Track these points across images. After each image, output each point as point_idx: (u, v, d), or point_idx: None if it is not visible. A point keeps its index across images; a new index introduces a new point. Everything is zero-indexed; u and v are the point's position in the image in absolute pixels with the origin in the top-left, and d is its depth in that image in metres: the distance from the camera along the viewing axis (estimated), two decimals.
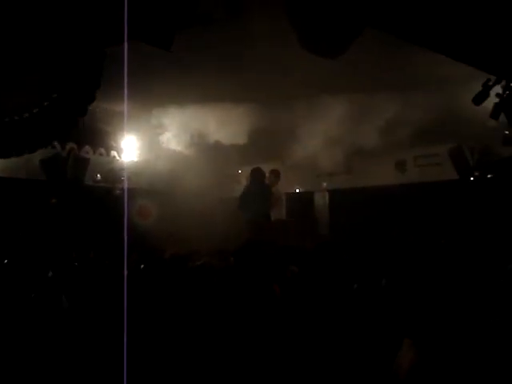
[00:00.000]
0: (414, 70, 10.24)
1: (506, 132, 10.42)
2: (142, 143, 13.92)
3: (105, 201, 12.85)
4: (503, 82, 8.53)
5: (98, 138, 13.53)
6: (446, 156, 13.38)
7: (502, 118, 9.14)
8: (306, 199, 15.64)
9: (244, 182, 12.69)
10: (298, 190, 15.84)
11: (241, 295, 5.27)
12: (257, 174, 11.53)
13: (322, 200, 15.65)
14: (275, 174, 11.74)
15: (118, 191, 13.22)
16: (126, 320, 4.57)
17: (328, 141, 12.56)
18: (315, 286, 5.18)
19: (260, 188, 11.36)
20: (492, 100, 8.88)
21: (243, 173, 13.36)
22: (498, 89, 8.72)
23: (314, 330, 4.85)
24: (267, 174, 11.66)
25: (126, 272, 5.86)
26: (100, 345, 5.13)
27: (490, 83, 8.44)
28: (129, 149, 13.87)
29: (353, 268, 6.08)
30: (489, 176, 13.05)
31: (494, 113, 8.84)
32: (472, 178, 13.13)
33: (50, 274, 8.82)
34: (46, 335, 5.25)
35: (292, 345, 4.76)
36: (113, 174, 13.56)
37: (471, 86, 9.14)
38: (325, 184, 15.49)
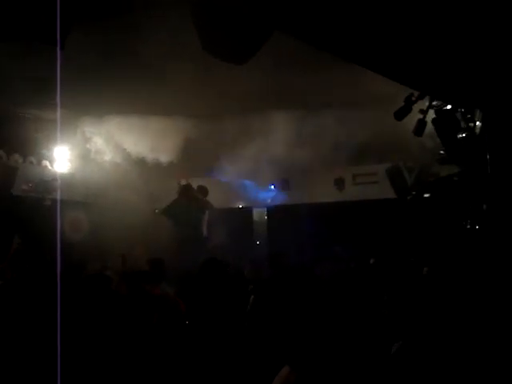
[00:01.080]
0: (352, 86, 10.23)
1: (442, 152, 10.43)
2: (74, 153, 13.42)
3: (33, 211, 12.33)
4: (426, 98, 8.44)
5: (29, 147, 13.00)
6: (384, 174, 13.43)
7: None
8: (244, 215, 15.51)
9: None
10: (240, 206, 15.68)
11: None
12: (185, 190, 11.49)
13: (260, 216, 15.53)
14: (202, 190, 11.68)
15: (47, 202, 12.72)
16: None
17: (266, 156, 12.44)
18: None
19: (188, 203, 11.32)
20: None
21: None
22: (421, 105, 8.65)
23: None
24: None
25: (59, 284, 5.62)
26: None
27: (413, 98, 8.33)
28: (61, 158, 13.34)
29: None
30: (425, 195, 13.13)
31: (418, 129, 8.74)
32: (409, 197, 13.19)
33: None
34: None
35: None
36: (43, 184, 13.04)
37: None
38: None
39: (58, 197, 12.73)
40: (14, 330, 5.48)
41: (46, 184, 13.05)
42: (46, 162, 13.56)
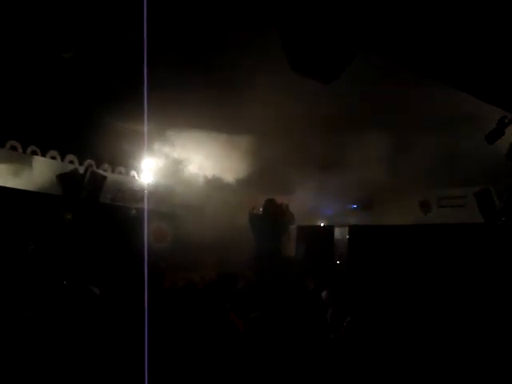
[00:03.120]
0: (444, 107, 10.01)
1: None
2: (161, 165, 13.72)
3: (120, 220, 12.69)
4: None
5: (118, 157, 13.42)
6: (472, 198, 12.99)
7: None
8: (326, 233, 15.40)
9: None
10: (322, 224, 15.59)
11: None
12: (269, 206, 11.46)
13: (341, 235, 15.37)
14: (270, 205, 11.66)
15: (134, 211, 13.05)
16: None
17: (351, 176, 12.32)
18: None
19: (272, 220, 11.29)
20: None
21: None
22: None
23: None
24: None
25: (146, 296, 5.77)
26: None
27: (506, 121, 7.97)
28: (149, 170, 13.68)
29: None
30: None
31: (510, 153, 8.34)
32: (498, 223, 12.70)
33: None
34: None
35: None
36: (131, 194, 13.41)
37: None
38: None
39: (145, 206, 13.09)
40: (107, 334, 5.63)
41: (133, 194, 13.42)
42: (133, 173, 13.96)
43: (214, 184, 13.01)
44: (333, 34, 4.79)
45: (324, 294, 8.10)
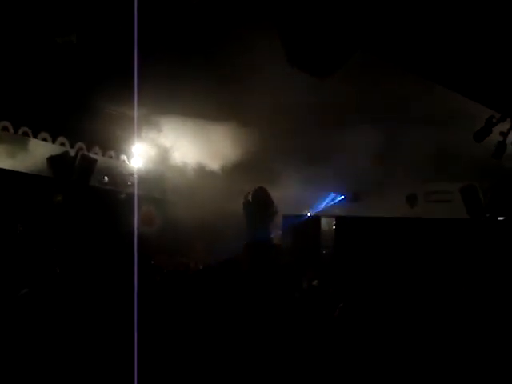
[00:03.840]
0: (432, 104, 10.12)
1: None
2: (152, 151, 13.74)
3: (109, 204, 12.74)
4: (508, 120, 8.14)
5: (109, 141, 13.42)
6: (458, 193, 13.17)
7: None
8: (312, 223, 15.53)
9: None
10: (309, 214, 15.71)
11: None
12: (261, 194, 11.53)
13: (328, 225, 15.52)
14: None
15: (123, 195, 13.10)
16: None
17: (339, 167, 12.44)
18: None
19: (263, 208, 11.34)
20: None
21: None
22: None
23: None
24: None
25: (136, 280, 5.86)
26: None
27: (494, 120, 8.06)
28: (139, 155, 13.71)
29: None
30: (500, 218, 12.81)
31: (497, 152, 8.45)
32: (482, 219, 12.88)
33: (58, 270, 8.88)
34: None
35: None
36: (121, 178, 13.45)
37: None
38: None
39: (135, 191, 13.13)
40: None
41: (123, 178, 13.46)
42: (124, 157, 14.00)
43: (204, 170, 13.06)
44: (332, 30, 4.87)
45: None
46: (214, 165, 12.98)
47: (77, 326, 5.56)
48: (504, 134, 8.26)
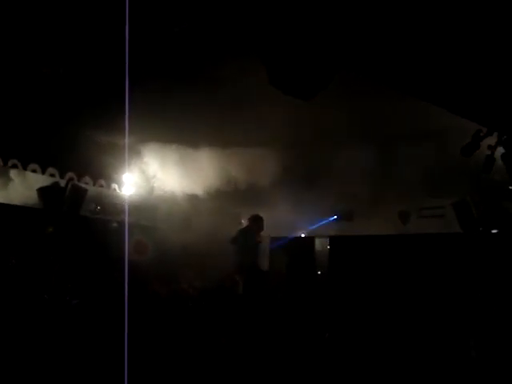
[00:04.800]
0: (421, 120, 10.15)
1: (511, 187, 10.15)
2: (142, 179, 13.69)
3: (101, 233, 12.64)
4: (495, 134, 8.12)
5: (99, 170, 13.37)
6: (450, 208, 13.18)
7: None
8: (306, 244, 15.49)
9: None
10: (302, 235, 15.67)
11: None
12: (256, 221, 11.59)
13: (322, 246, 15.47)
14: (258, 221, 11.72)
15: (114, 224, 13.03)
16: None
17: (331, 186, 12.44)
18: None
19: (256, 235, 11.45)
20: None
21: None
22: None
23: None
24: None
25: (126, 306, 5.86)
26: None
27: (482, 134, 8.06)
28: (130, 183, 13.66)
29: None
30: (493, 231, 12.81)
31: (486, 166, 8.43)
32: (476, 233, 12.88)
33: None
34: None
35: None
36: (112, 207, 13.38)
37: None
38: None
39: (126, 219, 13.07)
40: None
41: (114, 207, 13.39)
42: (115, 186, 13.94)
43: (193, 197, 13.02)
44: (312, 51, 4.87)
45: None
46: (202, 191, 12.94)
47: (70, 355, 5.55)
48: (492, 148, 8.26)
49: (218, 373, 5.10)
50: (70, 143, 11.93)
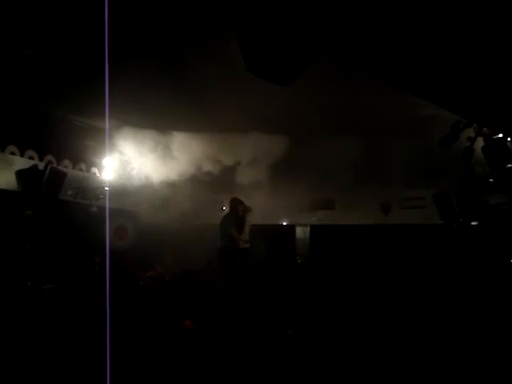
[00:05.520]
0: (402, 111, 10.13)
1: (491, 180, 10.16)
2: (123, 163, 13.53)
3: (80, 217, 12.53)
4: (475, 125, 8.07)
5: (79, 153, 13.24)
6: (431, 200, 13.23)
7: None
8: (287, 232, 15.50)
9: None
10: (284, 223, 15.68)
11: None
12: (234, 204, 11.61)
13: (303, 233, 15.49)
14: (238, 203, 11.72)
15: (94, 208, 12.90)
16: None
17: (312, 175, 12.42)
18: None
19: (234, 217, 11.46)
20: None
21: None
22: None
23: None
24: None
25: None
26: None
27: (461, 125, 8.01)
28: (110, 167, 13.50)
29: None
30: (473, 223, 12.86)
31: (465, 158, 8.40)
32: (456, 224, 12.93)
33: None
34: None
35: None
36: (91, 191, 13.24)
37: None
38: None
39: (106, 204, 12.96)
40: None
41: (94, 191, 13.26)
42: (95, 170, 13.81)
43: (174, 182, 12.92)
44: (290, 36, 4.80)
45: None
46: (180, 176, 12.85)
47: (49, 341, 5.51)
48: (471, 140, 8.23)
49: (195, 362, 5.07)
50: (50, 126, 11.79)
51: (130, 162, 13.12)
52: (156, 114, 11.07)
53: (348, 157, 11.99)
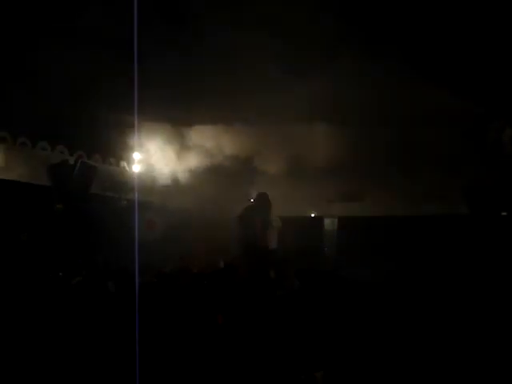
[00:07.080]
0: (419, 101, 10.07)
1: None
2: (153, 157, 13.65)
3: (111, 211, 12.69)
4: None
5: (109, 147, 13.40)
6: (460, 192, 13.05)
7: None
8: (315, 224, 15.43)
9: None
10: (312, 215, 15.61)
11: None
12: (261, 198, 11.57)
13: (331, 226, 15.40)
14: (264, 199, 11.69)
15: (124, 202, 13.04)
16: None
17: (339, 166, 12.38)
18: None
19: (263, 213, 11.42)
20: None
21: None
22: None
23: None
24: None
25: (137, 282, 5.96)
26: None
27: (487, 117, 7.93)
28: (139, 161, 13.63)
29: None
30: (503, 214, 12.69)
31: (493, 149, 8.33)
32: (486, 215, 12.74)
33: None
34: None
35: None
36: (121, 185, 13.39)
37: None
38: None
39: (136, 198, 13.09)
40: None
41: (124, 184, 13.40)
42: (124, 164, 13.94)
43: (203, 174, 12.99)
44: None
45: None
46: (211, 168, 12.90)
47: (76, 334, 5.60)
48: (499, 131, 8.16)
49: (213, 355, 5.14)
50: (80, 121, 11.94)
51: (159, 155, 13.22)
52: (184, 108, 11.14)
53: (379, 147, 11.95)
